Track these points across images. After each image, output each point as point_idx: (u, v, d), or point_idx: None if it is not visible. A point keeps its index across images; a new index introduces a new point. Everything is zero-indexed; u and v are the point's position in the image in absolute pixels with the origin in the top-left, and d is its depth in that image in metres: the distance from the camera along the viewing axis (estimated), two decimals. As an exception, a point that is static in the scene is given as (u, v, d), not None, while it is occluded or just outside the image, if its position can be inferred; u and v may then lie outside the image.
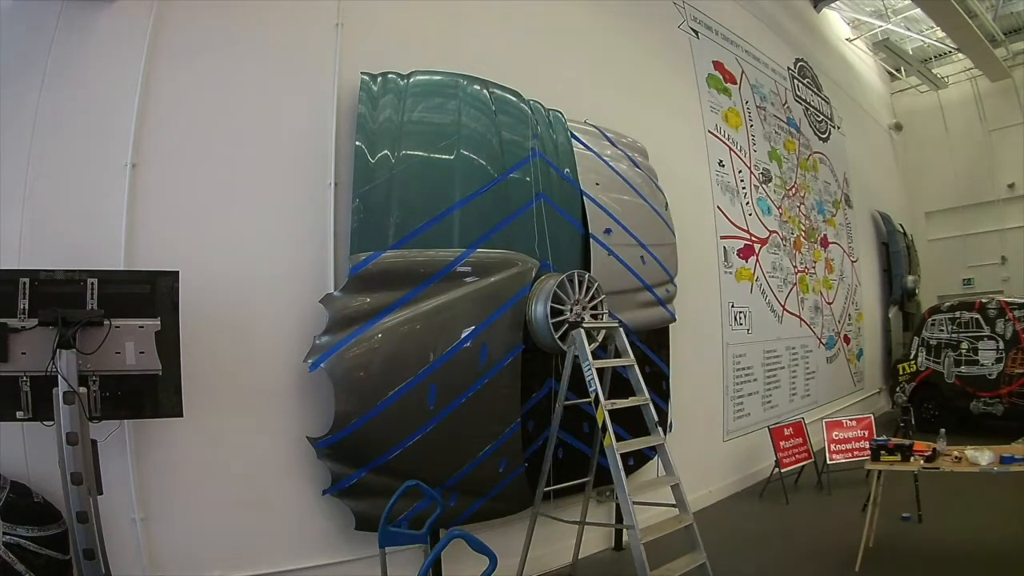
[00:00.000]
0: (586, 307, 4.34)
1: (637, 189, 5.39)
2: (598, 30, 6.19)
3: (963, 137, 14.29)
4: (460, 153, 4.23)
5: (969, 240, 14.11)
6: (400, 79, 4.25)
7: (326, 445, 3.63)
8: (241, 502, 3.52)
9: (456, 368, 3.95)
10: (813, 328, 9.20)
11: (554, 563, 4.69)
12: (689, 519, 3.78)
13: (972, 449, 4.23)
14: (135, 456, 3.24)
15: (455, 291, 4.02)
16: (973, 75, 13.71)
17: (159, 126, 3.50)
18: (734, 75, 8.18)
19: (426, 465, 3.75)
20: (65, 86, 3.31)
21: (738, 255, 7.56)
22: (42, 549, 2.84)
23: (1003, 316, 8.54)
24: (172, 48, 3.61)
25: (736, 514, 6.08)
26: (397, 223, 3.92)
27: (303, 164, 3.96)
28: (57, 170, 3.25)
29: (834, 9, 12.24)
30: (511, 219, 4.36)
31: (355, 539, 3.74)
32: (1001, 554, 4.47)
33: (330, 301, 3.73)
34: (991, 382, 8.42)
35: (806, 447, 6.89)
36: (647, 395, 4.01)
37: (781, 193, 8.85)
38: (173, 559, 3.29)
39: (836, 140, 11.03)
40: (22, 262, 3.00)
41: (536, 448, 4.37)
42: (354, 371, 3.67)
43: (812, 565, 4.61)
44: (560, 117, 5.09)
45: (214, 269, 3.50)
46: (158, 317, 2.89)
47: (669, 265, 5.52)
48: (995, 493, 5.33)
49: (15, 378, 2.65)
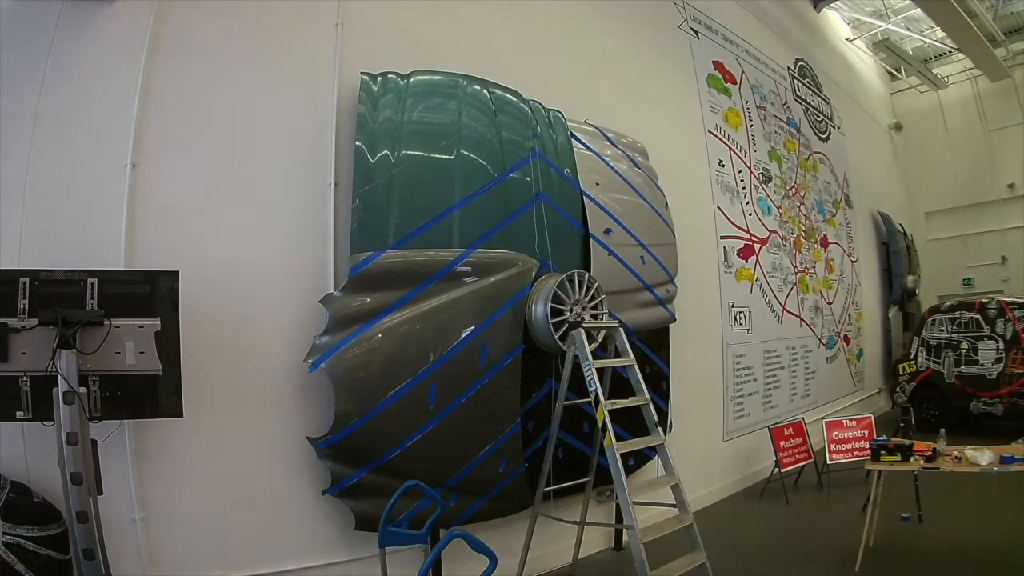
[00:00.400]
0: (586, 307, 4.34)
1: (637, 189, 5.39)
2: (598, 30, 6.19)
3: (963, 137, 14.28)
4: (460, 153, 4.23)
5: (969, 240, 14.11)
6: (400, 79, 4.25)
7: (326, 445, 3.63)
8: (241, 502, 3.52)
9: (456, 368, 3.95)
10: (813, 328, 9.20)
11: (554, 563, 4.69)
12: (689, 519, 3.78)
13: (972, 449, 4.23)
14: (135, 456, 3.24)
15: (455, 291, 4.02)
16: (973, 75, 13.71)
17: (159, 126, 3.50)
18: (734, 75, 8.18)
19: (426, 465, 3.75)
20: (65, 86, 3.31)
21: (738, 255, 7.56)
22: (42, 549, 2.84)
23: (1003, 316, 8.54)
24: (172, 48, 3.61)
25: (736, 514, 6.08)
26: (397, 223, 3.92)
27: (303, 164, 3.96)
28: (57, 170, 3.25)
29: (834, 9, 12.23)
30: (511, 219, 4.36)
31: (355, 539, 3.74)
32: (1001, 554, 4.47)
33: (330, 301, 3.73)
34: (991, 382, 8.42)
35: (806, 447, 6.89)
36: (647, 395, 4.01)
37: (781, 193, 8.85)
38: (173, 559, 3.29)
39: (836, 140, 11.03)
40: (22, 262, 2.99)
41: (536, 448, 4.37)
42: (354, 371, 3.67)
43: (812, 565, 4.61)
44: (560, 117, 5.09)
45: (214, 269, 3.50)
46: (158, 317, 2.89)
47: (669, 265, 5.52)
48: (995, 493, 5.33)
49: (15, 378, 2.65)
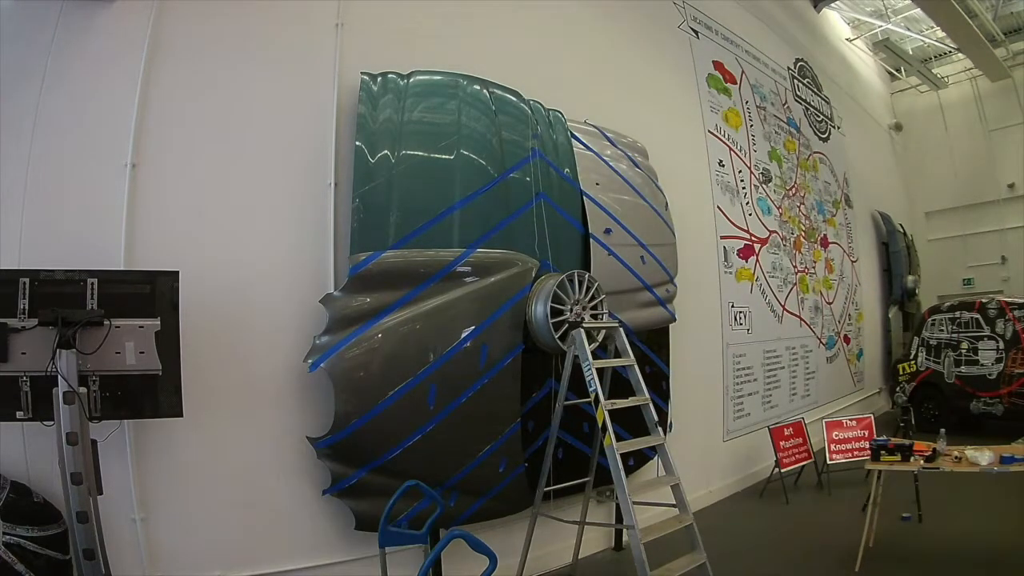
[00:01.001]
0: (586, 307, 4.34)
1: (637, 189, 5.39)
2: (598, 30, 6.19)
3: (963, 137, 14.28)
4: (460, 153, 4.23)
5: (969, 240, 14.11)
6: (400, 79, 4.25)
7: (326, 445, 3.63)
8: (241, 502, 3.52)
9: (456, 368, 3.95)
10: (813, 328, 9.20)
11: (554, 563, 4.69)
12: (689, 519, 3.78)
13: (972, 449, 4.23)
14: (135, 456, 3.24)
15: (455, 291, 4.02)
16: (973, 75, 13.71)
17: (159, 126, 3.50)
18: (734, 75, 8.18)
19: (426, 465, 3.75)
20: (65, 86, 3.31)
21: (738, 255, 7.56)
22: (42, 549, 2.84)
23: (1003, 316, 8.53)
24: (172, 48, 3.61)
25: (736, 514, 6.08)
26: (397, 223, 3.92)
27: (303, 164, 3.96)
28: (57, 170, 3.25)
29: (834, 9, 12.23)
30: (511, 219, 4.36)
31: (355, 539, 3.74)
32: (1001, 554, 4.47)
33: (330, 301, 3.73)
34: (991, 382, 8.41)
35: (806, 447, 6.89)
36: (647, 395, 4.01)
37: (781, 193, 8.85)
38: (173, 559, 3.29)
39: (836, 140, 11.03)
40: (22, 262, 2.99)
41: (536, 448, 4.37)
42: (354, 371, 3.67)
43: (812, 565, 4.61)
44: (560, 117, 5.09)
45: (214, 269, 3.50)
46: (158, 317, 2.89)
47: (669, 265, 5.52)
48: (995, 493, 5.33)
49: (15, 378, 2.65)
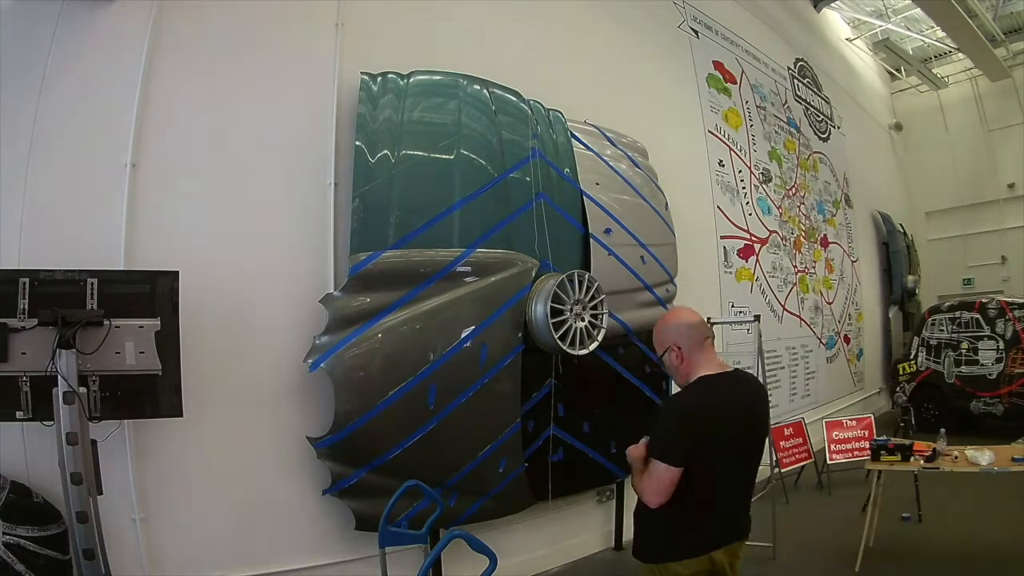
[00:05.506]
0: (586, 307, 4.34)
1: (637, 189, 5.39)
2: (598, 30, 6.19)
3: (963, 137, 14.27)
4: (460, 153, 4.23)
5: (969, 240, 14.10)
6: (400, 79, 4.25)
7: (326, 445, 3.63)
8: (241, 502, 3.52)
9: (456, 368, 3.94)
10: (813, 328, 9.20)
11: (554, 563, 4.69)
12: (689, 519, 3.77)
13: (972, 449, 4.23)
14: (135, 456, 3.24)
15: (455, 291, 4.02)
16: (973, 75, 13.69)
17: (159, 126, 3.50)
18: (734, 75, 8.18)
19: (426, 465, 3.74)
20: (65, 86, 3.31)
21: (738, 255, 7.56)
22: (42, 549, 2.84)
23: (1003, 316, 8.53)
24: (172, 48, 3.60)
25: (736, 514, 6.07)
26: (397, 223, 3.92)
27: (303, 164, 3.96)
28: (57, 170, 3.24)
29: (834, 9, 12.22)
30: (511, 219, 4.36)
31: (355, 539, 3.73)
32: (1001, 554, 4.47)
33: (330, 301, 3.72)
34: (991, 382, 8.40)
35: (806, 447, 6.87)
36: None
37: (781, 193, 8.85)
38: (173, 559, 3.29)
39: (836, 140, 11.03)
40: (22, 262, 2.99)
41: (536, 448, 4.37)
42: (354, 371, 3.67)
43: (812, 565, 4.61)
44: (560, 117, 5.08)
45: (214, 269, 3.50)
46: (158, 317, 2.88)
47: (669, 265, 5.51)
48: (995, 493, 5.33)
49: (15, 378, 2.63)
